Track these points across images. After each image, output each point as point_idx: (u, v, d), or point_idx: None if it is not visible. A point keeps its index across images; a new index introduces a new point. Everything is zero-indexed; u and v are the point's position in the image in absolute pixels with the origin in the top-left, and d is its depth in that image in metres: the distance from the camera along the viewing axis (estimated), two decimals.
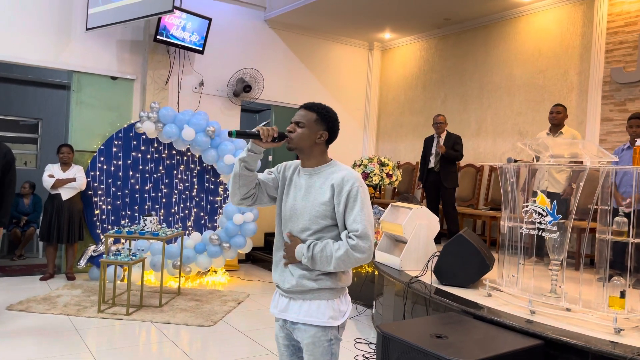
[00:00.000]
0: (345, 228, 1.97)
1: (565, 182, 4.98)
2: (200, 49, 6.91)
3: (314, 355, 2.00)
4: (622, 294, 3.05)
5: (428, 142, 6.37)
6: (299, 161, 2.12)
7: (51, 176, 5.79)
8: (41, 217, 6.35)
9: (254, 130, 1.98)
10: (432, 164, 6.22)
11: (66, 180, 5.79)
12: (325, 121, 2.02)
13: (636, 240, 3.06)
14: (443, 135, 6.22)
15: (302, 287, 2.01)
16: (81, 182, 5.96)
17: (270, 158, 8.42)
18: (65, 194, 5.85)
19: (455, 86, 7.58)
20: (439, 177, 6.13)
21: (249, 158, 2.02)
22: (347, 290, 2.13)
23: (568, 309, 3.22)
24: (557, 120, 5.24)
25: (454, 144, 6.14)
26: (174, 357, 3.89)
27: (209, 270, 6.41)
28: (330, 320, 2.00)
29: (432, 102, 7.92)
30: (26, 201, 7.40)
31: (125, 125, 6.48)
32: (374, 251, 4.70)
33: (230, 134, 1.97)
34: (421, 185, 6.51)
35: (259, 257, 7.57)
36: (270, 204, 2.16)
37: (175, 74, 7.00)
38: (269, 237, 7.87)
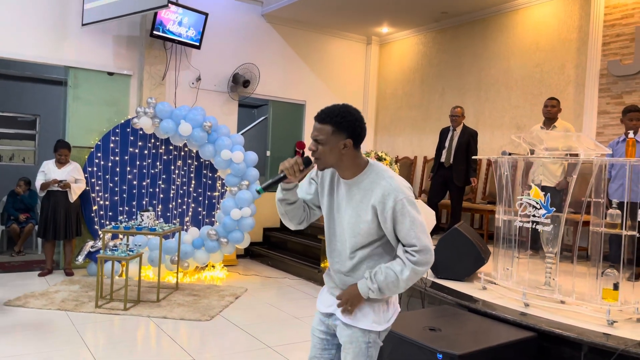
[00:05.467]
0: (398, 241, 1.88)
1: (561, 176, 4.98)
2: (197, 44, 6.89)
3: (350, 355, 1.95)
4: (616, 286, 3.06)
5: (443, 133, 6.19)
6: None
7: (56, 182, 5.82)
8: (38, 214, 6.37)
9: (279, 174, 1.90)
10: (443, 158, 6.05)
11: (52, 182, 5.80)
12: (344, 128, 1.84)
13: (629, 233, 3.06)
14: (459, 129, 6.04)
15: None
16: (84, 183, 6.07)
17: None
18: (73, 195, 5.93)
19: (453, 80, 7.56)
20: (449, 173, 5.97)
21: (287, 195, 1.97)
22: (395, 297, 2.04)
23: (562, 302, 3.23)
24: (551, 114, 5.22)
25: (469, 140, 5.96)
26: (171, 351, 3.91)
27: (207, 266, 6.42)
28: (373, 324, 1.93)
29: (430, 96, 7.91)
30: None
31: (122, 121, 6.48)
32: None
33: (258, 192, 1.95)
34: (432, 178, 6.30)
35: (257, 252, 7.58)
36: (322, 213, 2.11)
37: (172, 69, 6.99)
38: (267, 232, 7.87)
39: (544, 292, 3.36)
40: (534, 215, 3.39)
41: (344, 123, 1.85)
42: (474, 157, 5.61)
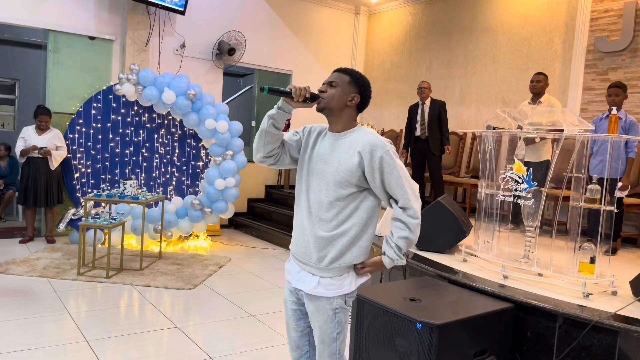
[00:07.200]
0: (389, 196, 1.96)
1: (540, 148, 5.02)
2: (182, 9, 6.72)
3: (319, 322, 1.99)
4: (592, 260, 3.12)
5: (413, 109, 6.29)
6: (326, 125, 2.08)
7: (36, 149, 5.71)
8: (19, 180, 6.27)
9: (286, 88, 1.93)
10: (418, 132, 6.14)
11: (32, 148, 5.69)
12: (358, 85, 2.00)
13: (607, 208, 3.11)
14: (427, 102, 6.14)
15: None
16: (65, 150, 5.97)
17: None
18: (54, 162, 5.83)
19: (440, 53, 7.52)
20: (427, 145, 6.08)
21: (278, 116, 2.00)
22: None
23: (540, 274, 3.30)
24: (537, 89, 5.22)
25: (440, 111, 6.07)
26: (154, 319, 3.93)
27: (190, 235, 6.42)
28: (336, 290, 1.98)
29: (418, 69, 7.86)
30: (2, 163, 7.28)
31: (105, 87, 6.35)
32: None
33: (262, 89, 1.94)
34: (407, 154, 6.44)
35: (242, 223, 7.59)
36: (291, 165, 2.12)
37: (156, 35, 6.83)
38: (252, 203, 7.87)
39: (522, 265, 3.41)
40: (515, 190, 3.42)
41: (360, 81, 2.02)
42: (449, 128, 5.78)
